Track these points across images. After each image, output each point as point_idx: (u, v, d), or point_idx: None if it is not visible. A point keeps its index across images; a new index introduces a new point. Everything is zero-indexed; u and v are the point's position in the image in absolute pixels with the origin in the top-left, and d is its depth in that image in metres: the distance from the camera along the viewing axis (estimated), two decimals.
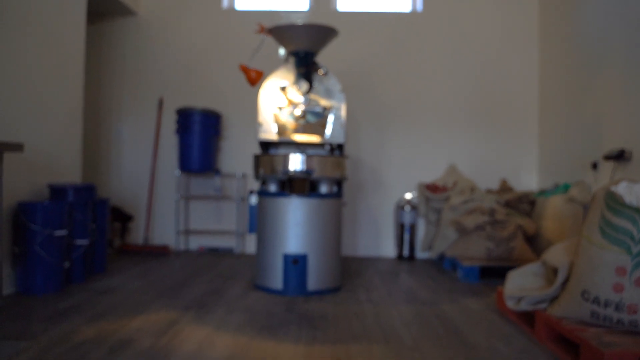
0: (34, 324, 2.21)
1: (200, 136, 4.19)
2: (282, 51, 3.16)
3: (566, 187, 3.57)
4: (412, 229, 4.31)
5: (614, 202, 1.90)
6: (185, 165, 4.23)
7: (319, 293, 2.92)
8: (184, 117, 4.20)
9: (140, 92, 4.57)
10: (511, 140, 4.50)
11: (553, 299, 2.13)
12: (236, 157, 4.52)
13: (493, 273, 3.47)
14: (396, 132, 4.52)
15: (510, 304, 2.33)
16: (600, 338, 1.77)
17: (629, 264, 1.81)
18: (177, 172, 4.38)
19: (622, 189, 1.95)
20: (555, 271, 2.19)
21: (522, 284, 2.35)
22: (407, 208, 4.30)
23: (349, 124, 4.09)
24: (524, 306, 2.23)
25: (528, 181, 4.45)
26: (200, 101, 4.42)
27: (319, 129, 3.08)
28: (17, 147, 2.40)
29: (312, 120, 3.08)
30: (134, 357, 1.83)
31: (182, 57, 4.56)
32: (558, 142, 4.07)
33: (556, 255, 2.23)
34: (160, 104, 4.50)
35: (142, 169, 4.54)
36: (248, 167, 4.43)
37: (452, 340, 2.13)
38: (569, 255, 2.15)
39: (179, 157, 4.27)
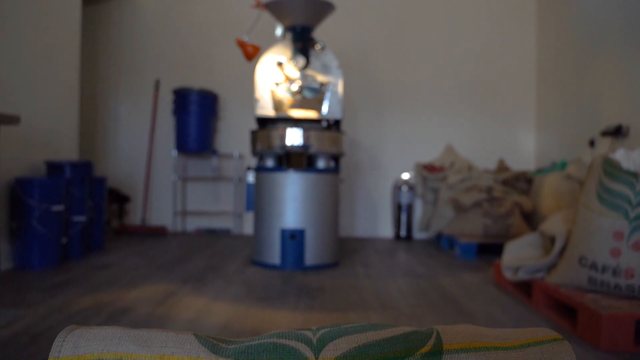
0: (32, 295, 2.20)
1: (197, 116, 4.18)
2: (279, 31, 3.14)
3: (563, 165, 3.57)
4: (409, 209, 4.31)
5: (611, 167, 1.90)
6: (182, 145, 4.22)
7: (317, 268, 2.92)
8: (181, 97, 4.18)
9: (137, 74, 4.54)
10: (508, 120, 4.49)
11: (550, 268, 2.14)
12: (233, 139, 4.50)
13: (490, 250, 3.49)
14: (393, 113, 4.50)
15: (507, 274, 2.34)
16: (597, 302, 1.78)
17: (626, 229, 1.81)
18: (174, 152, 4.36)
19: (620, 156, 1.95)
20: (552, 240, 2.19)
21: (519, 254, 2.36)
22: (405, 188, 4.30)
23: (346, 105, 4.07)
24: (521, 275, 2.23)
25: (525, 161, 4.45)
26: (196, 82, 4.39)
27: (316, 104, 3.07)
28: (14, 120, 2.39)
29: (309, 96, 3.06)
30: (132, 324, 1.83)
31: (179, 38, 4.53)
32: (555, 121, 4.07)
33: (553, 224, 2.24)
34: (157, 85, 4.48)
35: (138, 151, 4.52)
36: (245, 148, 4.41)
37: (450, 309, 2.14)
38: (566, 225, 2.15)
39: (175, 137, 4.25)
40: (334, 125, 3.15)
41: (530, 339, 0.62)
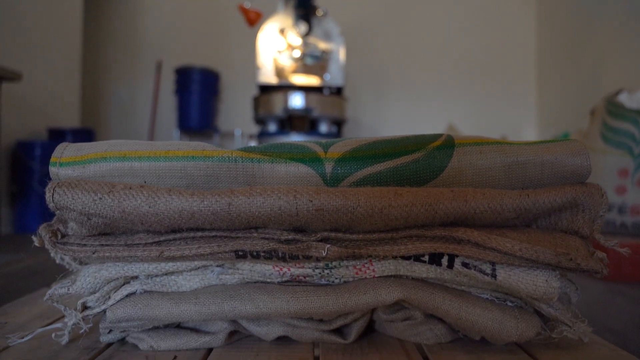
0: (33, 249, 2.19)
1: (199, 95, 4.18)
2: (280, 6, 3.17)
3: (565, 137, 3.56)
4: None
5: (615, 107, 1.89)
6: (184, 123, 4.22)
7: None
8: (183, 76, 4.18)
9: (139, 55, 4.55)
10: (510, 96, 4.49)
11: None
12: (234, 118, 4.50)
13: None
14: (394, 92, 4.50)
15: None
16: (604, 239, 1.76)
17: (631, 165, 1.80)
18: (176, 132, 4.35)
19: (623, 98, 1.94)
20: None
21: None
22: None
23: (347, 86, 4.07)
24: None
25: (527, 137, 4.45)
26: (198, 61, 4.39)
27: (318, 71, 3.07)
28: (16, 76, 2.39)
29: (311, 62, 3.06)
30: None
31: (182, 14, 4.54)
32: (557, 95, 4.07)
33: None
34: (159, 67, 4.47)
35: (140, 131, 4.51)
36: (246, 127, 4.40)
37: None
38: None
39: (177, 116, 4.25)
40: (336, 92, 3.15)
41: (544, 140, 0.61)
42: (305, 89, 3.08)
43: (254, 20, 3.04)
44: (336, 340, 0.57)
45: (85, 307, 0.57)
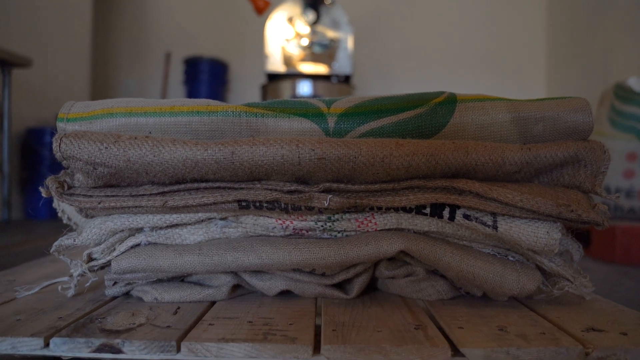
0: (43, 231, 2.22)
1: (208, 85, 4.19)
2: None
3: None
4: None
5: (624, 91, 1.88)
6: None
7: None
8: (192, 66, 4.20)
9: (148, 46, 4.56)
10: (519, 87, 4.46)
11: None
12: None
13: None
14: (402, 81, 4.48)
15: None
16: (611, 222, 1.75)
17: (639, 149, 1.79)
18: None
19: (632, 83, 1.92)
20: None
21: None
22: None
23: (355, 74, 4.05)
24: None
25: None
26: (207, 52, 4.40)
27: (327, 59, 3.06)
28: (26, 62, 2.42)
29: (319, 51, 3.06)
30: None
31: (189, 8, 4.55)
32: (565, 85, 4.04)
33: None
34: (168, 58, 4.49)
35: None
36: None
37: None
38: None
39: None
40: (344, 80, 3.14)
41: (548, 97, 0.61)
42: (313, 78, 3.07)
43: (262, 8, 3.04)
44: (338, 295, 0.58)
45: (90, 259, 0.58)
